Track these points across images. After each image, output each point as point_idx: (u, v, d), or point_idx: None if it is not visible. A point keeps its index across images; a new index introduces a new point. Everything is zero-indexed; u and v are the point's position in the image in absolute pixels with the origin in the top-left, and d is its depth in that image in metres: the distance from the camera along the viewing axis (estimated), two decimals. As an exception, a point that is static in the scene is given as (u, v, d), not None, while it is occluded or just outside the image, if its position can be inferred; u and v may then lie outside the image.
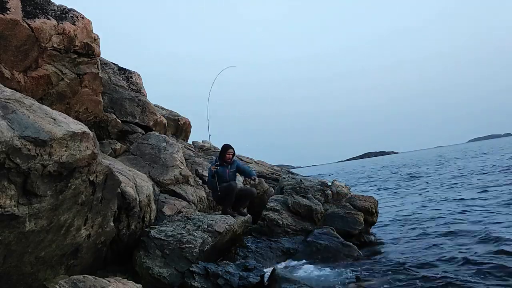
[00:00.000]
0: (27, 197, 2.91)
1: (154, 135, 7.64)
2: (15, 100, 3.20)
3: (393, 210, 10.00)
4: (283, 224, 6.44)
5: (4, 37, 4.76)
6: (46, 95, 5.59)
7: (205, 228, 5.03)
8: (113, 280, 3.33)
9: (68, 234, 3.51)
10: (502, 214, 7.44)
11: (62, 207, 3.26)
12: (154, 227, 4.90)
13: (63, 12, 5.62)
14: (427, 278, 4.24)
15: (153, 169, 6.66)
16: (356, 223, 6.66)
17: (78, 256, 3.82)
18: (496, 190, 10.93)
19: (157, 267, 4.36)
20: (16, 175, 2.79)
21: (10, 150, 2.71)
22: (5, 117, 2.89)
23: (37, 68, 5.32)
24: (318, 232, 6.10)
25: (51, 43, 5.33)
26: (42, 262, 3.34)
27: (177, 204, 6.07)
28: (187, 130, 10.85)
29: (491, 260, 4.58)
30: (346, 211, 6.87)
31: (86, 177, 3.47)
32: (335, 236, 6.02)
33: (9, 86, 4.28)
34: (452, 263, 4.75)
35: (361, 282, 4.32)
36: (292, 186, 7.36)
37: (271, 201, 6.92)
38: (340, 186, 7.75)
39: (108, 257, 4.51)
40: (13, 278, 3.11)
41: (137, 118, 8.06)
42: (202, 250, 4.67)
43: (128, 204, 4.68)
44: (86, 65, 6.05)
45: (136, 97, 8.27)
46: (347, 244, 5.86)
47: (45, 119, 3.20)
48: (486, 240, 5.61)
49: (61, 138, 3.10)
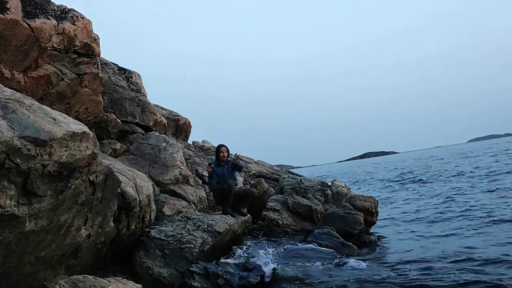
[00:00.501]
0: (27, 197, 2.91)
1: (154, 135, 7.64)
2: (15, 100, 3.20)
3: (393, 210, 10.00)
4: (283, 224, 6.45)
5: (4, 37, 4.76)
6: (46, 95, 5.59)
7: (205, 228, 5.03)
8: (113, 280, 3.33)
9: (68, 234, 3.51)
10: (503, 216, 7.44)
11: (62, 207, 3.26)
12: (154, 227, 4.90)
13: (63, 12, 5.62)
14: (427, 278, 4.24)
15: (153, 169, 6.67)
16: (356, 223, 6.67)
17: (78, 256, 3.82)
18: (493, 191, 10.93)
19: (157, 267, 4.36)
20: (16, 175, 2.79)
21: (10, 150, 2.71)
22: (5, 117, 2.89)
23: (37, 68, 5.32)
24: (318, 232, 6.10)
25: (51, 43, 5.33)
26: (42, 262, 3.34)
27: (177, 204, 6.07)
28: (187, 130, 10.85)
29: (496, 260, 4.57)
30: (346, 211, 6.88)
31: (86, 177, 3.47)
32: (335, 236, 6.02)
33: (9, 86, 4.28)
34: (452, 262, 4.76)
35: (361, 282, 4.32)
36: (292, 186, 7.37)
37: (271, 201, 6.92)
38: (340, 186, 7.76)
39: (108, 257, 4.51)
40: (13, 278, 3.11)
41: (137, 118, 8.06)
42: (202, 250, 4.67)
43: (128, 204, 4.68)
44: (86, 65, 6.05)
45: (136, 97, 8.27)
46: (347, 244, 5.87)
47: (45, 119, 3.20)
48: (489, 241, 5.61)
49: (61, 138, 3.10)
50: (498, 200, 9.15)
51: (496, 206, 8.35)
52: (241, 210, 6.38)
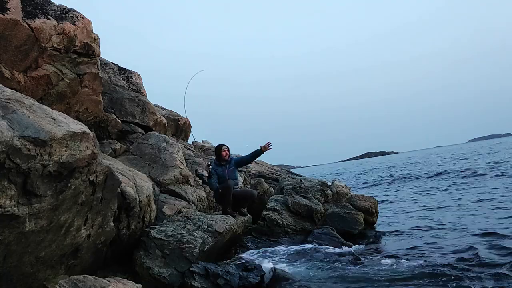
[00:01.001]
0: (27, 197, 2.91)
1: (154, 135, 7.65)
2: (15, 100, 3.20)
3: (393, 210, 10.00)
4: (283, 224, 6.44)
5: (4, 37, 4.77)
6: (46, 95, 5.59)
7: (205, 228, 5.03)
8: (113, 280, 3.33)
9: (68, 234, 3.51)
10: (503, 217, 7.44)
11: (62, 207, 3.26)
12: (154, 227, 4.90)
13: (63, 12, 5.62)
14: (427, 277, 4.24)
15: (153, 169, 6.67)
16: (356, 223, 6.67)
17: (78, 256, 3.83)
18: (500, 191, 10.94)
19: (157, 267, 4.36)
20: (16, 175, 2.79)
21: (10, 150, 2.71)
22: (5, 117, 2.89)
23: (37, 68, 5.33)
24: (318, 232, 6.10)
25: (51, 43, 5.33)
26: (42, 262, 3.34)
27: (177, 204, 6.07)
28: (187, 130, 10.85)
29: (497, 264, 4.56)
30: (346, 211, 6.88)
31: (86, 177, 3.47)
32: (335, 236, 6.02)
33: (9, 86, 4.28)
34: (452, 262, 4.75)
35: (361, 282, 4.32)
36: (292, 186, 7.37)
37: (271, 201, 6.92)
38: (340, 186, 7.76)
39: (108, 257, 4.51)
40: (13, 278, 3.11)
41: (137, 118, 8.07)
42: (202, 250, 4.67)
43: (128, 204, 4.68)
44: (86, 65, 6.05)
45: (136, 97, 8.28)
46: (347, 244, 5.86)
47: (45, 119, 3.20)
48: (492, 241, 5.61)
49: (61, 138, 3.10)
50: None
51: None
52: (241, 210, 6.37)
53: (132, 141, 7.46)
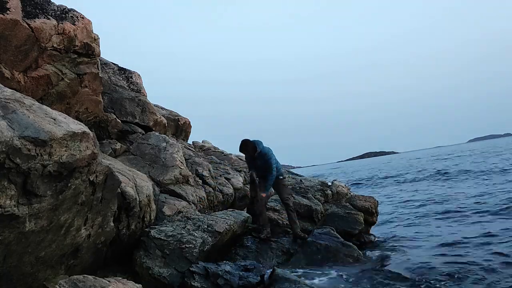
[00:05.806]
0: (27, 197, 2.91)
1: (154, 135, 7.64)
2: (15, 100, 3.20)
3: (393, 210, 10.00)
4: (283, 224, 6.44)
5: (4, 37, 4.76)
6: (46, 95, 5.59)
7: (205, 228, 5.03)
8: (113, 280, 3.33)
9: (68, 234, 3.51)
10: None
11: (62, 207, 3.26)
12: (154, 227, 4.90)
13: (63, 12, 5.62)
14: (427, 277, 4.24)
15: (153, 169, 6.66)
16: (356, 223, 6.67)
17: (78, 256, 3.83)
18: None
19: (157, 267, 4.36)
20: (16, 175, 2.79)
21: (10, 150, 2.71)
22: (5, 117, 2.89)
23: (37, 68, 5.32)
24: (318, 232, 6.09)
25: (51, 43, 5.33)
26: (42, 262, 3.34)
27: (177, 204, 6.06)
28: (187, 130, 10.85)
29: (496, 264, 4.57)
30: (346, 211, 6.88)
31: (86, 177, 3.47)
32: (335, 236, 6.01)
33: (9, 86, 4.28)
34: (452, 261, 4.76)
35: (361, 281, 4.32)
36: (292, 186, 7.37)
37: (271, 201, 6.92)
38: (340, 186, 7.76)
39: (108, 257, 4.51)
40: (13, 278, 3.11)
41: (137, 118, 8.06)
42: (202, 250, 4.68)
43: (128, 204, 4.67)
44: (86, 65, 6.05)
45: (136, 97, 8.27)
46: (347, 244, 5.85)
47: (45, 119, 3.20)
48: (491, 242, 5.62)
49: (61, 138, 3.10)
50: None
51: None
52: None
53: (132, 141, 7.46)
